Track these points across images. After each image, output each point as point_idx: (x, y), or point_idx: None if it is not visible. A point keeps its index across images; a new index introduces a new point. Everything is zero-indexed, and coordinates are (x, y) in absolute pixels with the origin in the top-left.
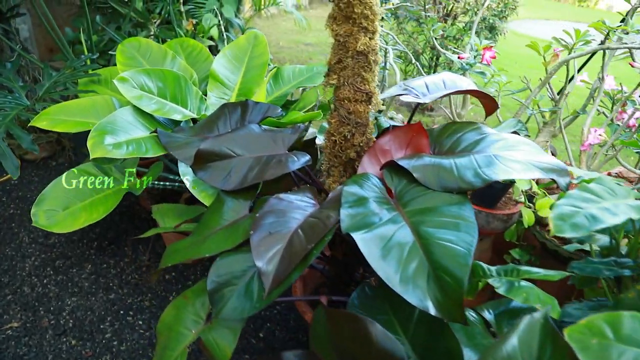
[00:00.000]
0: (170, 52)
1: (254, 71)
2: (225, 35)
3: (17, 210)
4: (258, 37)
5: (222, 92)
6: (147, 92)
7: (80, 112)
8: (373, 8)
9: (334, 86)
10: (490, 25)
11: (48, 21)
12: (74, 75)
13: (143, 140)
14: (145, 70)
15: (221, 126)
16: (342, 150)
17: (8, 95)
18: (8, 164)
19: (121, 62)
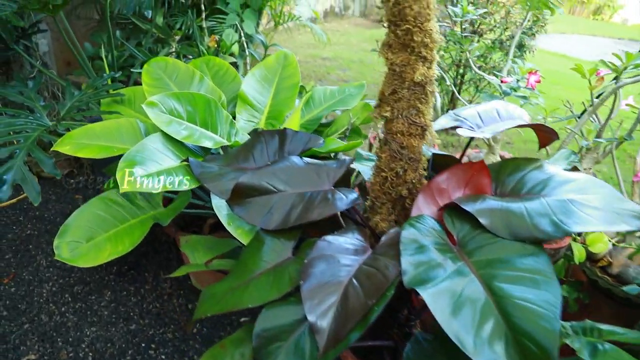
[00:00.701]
0: (197, 72)
1: (284, 93)
2: (248, 51)
3: (34, 231)
4: (288, 57)
5: (251, 114)
6: (176, 117)
7: (104, 136)
8: (433, 36)
9: (385, 118)
10: (519, 42)
11: (68, 36)
12: (96, 95)
13: (174, 170)
14: (174, 94)
15: (257, 156)
16: (392, 187)
17: (29, 115)
18: (29, 189)
19: (147, 83)
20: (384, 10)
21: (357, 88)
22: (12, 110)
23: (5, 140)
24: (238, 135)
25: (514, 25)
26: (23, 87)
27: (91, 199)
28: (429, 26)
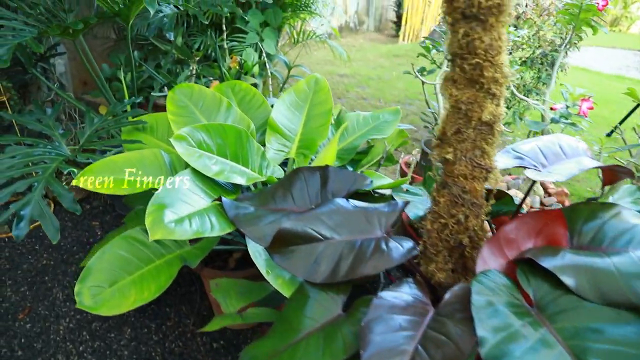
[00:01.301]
0: (224, 100)
1: (316, 121)
2: (270, 72)
3: (50, 261)
4: (319, 82)
5: (281, 143)
6: (205, 150)
7: (127, 168)
8: (504, 70)
9: (446, 160)
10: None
11: (87, 57)
12: (117, 123)
13: (206, 212)
14: (204, 126)
15: (297, 196)
16: (452, 235)
17: (48, 144)
18: (47, 226)
19: (172, 112)
20: (448, 42)
21: (391, 114)
22: (30, 139)
23: (22, 172)
24: (269, 167)
25: (546, 42)
26: (41, 114)
27: (114, 239)
28: (500, 60)
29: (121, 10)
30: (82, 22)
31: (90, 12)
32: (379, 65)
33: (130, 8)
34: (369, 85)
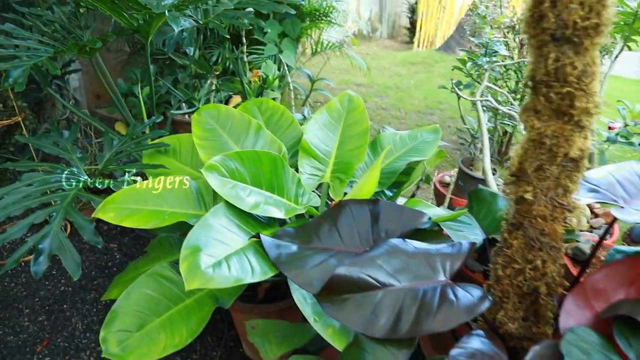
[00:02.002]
0: (254, 122)
1: (352, 142)
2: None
3: (68, 287)
4: (353, 100)
5: (314, 167)
6: (239, 180)
7: (151, 198)
8: (596, 99)
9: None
10: None
11: (102, 73)
12: (138, 146)
13: (244, 251)
14: (237, 154)
15: (345, 233)
16: (525, 281)
17: (65, 169)
18: (68, 261)
19: (198, 136)
20: (530, 68)
21: (431, 133)
22: (47, 165)
23: (40, 202)
24: (305, 195)
25: None
26: (58, 137)
27: (140, 277)
28: (593, 87)
29: (141, 26)
30: (100, 40)
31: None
32: (396, 74)
33: (151, 24)
34: (387, 95)
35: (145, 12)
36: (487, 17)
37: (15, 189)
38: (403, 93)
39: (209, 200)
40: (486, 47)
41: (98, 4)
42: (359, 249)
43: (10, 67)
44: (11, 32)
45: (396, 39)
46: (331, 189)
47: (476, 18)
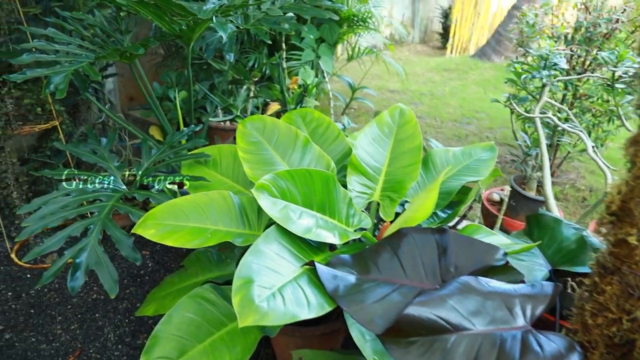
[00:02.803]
0: (301, 135)
1: (404, 159)
2: (331, 93)
3: (100, 295)
4: (404, 114)
5: (363, 184)
6: (290, 200)
7: (193, 214)
8: None
9: (622, 242)
10: None
11: (140, 77)
12: (178, 156)
13: (298, 281)
14: (288, 173)
15: (408, 265)
16: (618, 331)
17: (103, 179)
18: (105, 277)
19: (243, 149)
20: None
21: (485, 150)
22: (85, 174)
23: (77, 213)
24: (356, 216)
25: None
26: (96, 144)
27: (181, 300)
28: None
29: (183, 32)
30: (142, 46)
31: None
32: (429, 80)
33: (194, 30)
34: (422, 102)
35: (190, 18)
36: (536, 26)
37: (53, 198)
38: (438, 100)
39: (253, 218)
40: (546, 59)
41: (141, 8)
42: (424, 284)
43: (51, 73)
44: (53, 37)
45: (428, 44)
46: (381, 209)
47: (524, 27)
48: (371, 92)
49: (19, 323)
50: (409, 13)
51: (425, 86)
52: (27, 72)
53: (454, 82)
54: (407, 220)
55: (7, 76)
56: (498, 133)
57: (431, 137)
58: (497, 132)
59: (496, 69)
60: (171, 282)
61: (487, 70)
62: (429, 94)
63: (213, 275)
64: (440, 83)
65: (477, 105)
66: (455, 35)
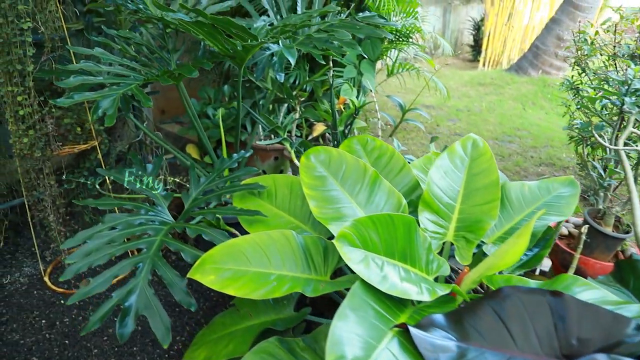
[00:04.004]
0: (370, 169)
1: (479, 195)
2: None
3: (138, 326)
4: (477, 145)
5: (435, 223)
6: (371, 250)
7: (255, 257)
8: None
9: None
10: None
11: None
12: (232, 187)
13: (391, 349)
14: (369, 219)
15: (517, 332)
16: None
17: (150, 210)
18: (156, 323)
19: (308, 185)
20: None
21: (565, 185)
22: (131, 204)
23: (124, 249)
24: (434, 262)
25: None
26: (141, 171)
27: (245, 357)
28: None
29: (237, 53)
30: (196, 69)
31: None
32: (465, 95)
33: (249, 50)
34: (459, 118)
35: (249, 39)
36: (595, 44)
37: (98, 232)
38: (475, 117)
39: (319, 261)
40: (629, 85)
41: (194, 28)
42: (540, 357)
43: (99, 97)
44: (100, 58)
45: (458, 57)
46: (457, 251)
47: (583, 45)
48: (423, 113)
49: (54, 355)
50: (439, 25)
51: (461, 101)
52: (75, 96)
53: (490, 97)
54: (491, 267)
55: (55, 101)
56: (543, 153)
57: None
58: (542, 152)
59: (533, 84)
60: (222, 323)
61: (523, 84)
62: (465, 109)
63: (269, 319)
64: (476, 98)
65: (517, 122)
66: (487, 48)
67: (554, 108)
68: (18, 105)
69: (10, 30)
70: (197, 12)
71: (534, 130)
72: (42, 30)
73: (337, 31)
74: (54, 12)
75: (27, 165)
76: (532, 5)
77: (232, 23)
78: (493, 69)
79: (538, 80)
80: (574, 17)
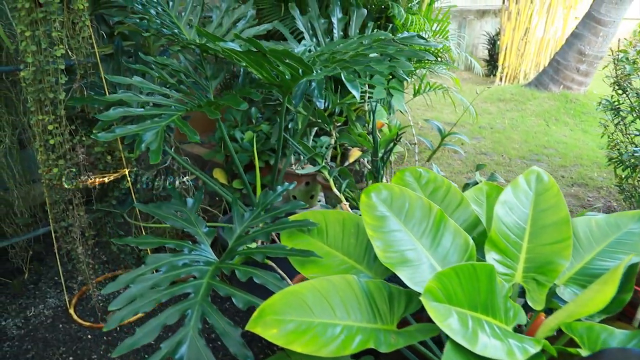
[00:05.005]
0: (435, 208)
1: (549, 234)
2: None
3: None
4: (542, 179)
5: (502, 263)
6: (456, 304)
7: (318, 306)
8: None
9: None
10: None
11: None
12: (279, 224)
13: None
14: (453, 271)
15: None
16: None
17: (193, 249)
18: None
19: (371, 226)
20: None
21: (635, 220)
22: (172, 242)
23: (171, 294)
24: (511, 310)
25: None
26: (181, 205)
27: None
28: None
29: (284, 82)
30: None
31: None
32: (485, 111)
33: (298, 79)
34: (483, 136)
35: (304, 70)
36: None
37: (141, 275)
38: (499, 134)
39: (384, 308)
40: None
41: (243, 57)
42: None
43: (141, 130)
44: (140, 87)
45: (473, 71)
46: (528, 294)
47: (626, 64)
48: (463, 137)
49: None
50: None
51: (482, 118)
52: (116, 130)
53: (511, 113)
54: (571, 314)
55: (96, 136)
56: (573, 172)
57: (498, 175)
58: (572, 171)
59: (555, 99)
60: None
61: (545, 100)
62: (488, 127)
63: None
64: (497, 115)
65: (543, 139)
66: (504, 63)
67: (578, 124)
68: (48, 134)
69: (43, 57)
70: (252, 42)
71: (561, 148)
72: (75, 57)
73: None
74: (87, 38)
75: (56, 196)
76: (546, 18)
77: (291, 54)
78: (510, 84)
79: (559, 95)
80: (596, 31)
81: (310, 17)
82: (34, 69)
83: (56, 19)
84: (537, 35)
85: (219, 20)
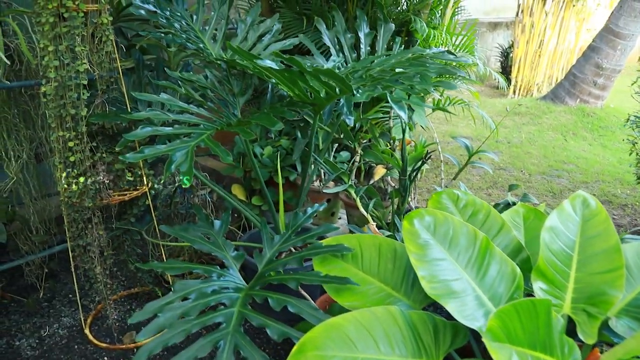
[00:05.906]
0: (480, 236)
1: (598, 262)
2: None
3: None
4: (589, 204)
5: (549, 294)
6: (516, 344)
7: (360, 340)
8: None
9: None
10: None
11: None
12: (312, 249)
13: None
14: (513, 308)
15: None
16: None
17: (222, 275)
18: None
19: (415, 255)
20: None
21: None
22: (200, 268)
23: (201, 324)
24: (565, 345)
25: None
26: (208, 228)
27: None
28: None
29: (318, 100)
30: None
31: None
32: (500, 125)
33: (333, 97)
34: (501, 151)
35: (342, 89)
36: None
37: (169, 304)
38: (517, 149)
39: (429, 341)
40: None
41: (276, 75)
42: None
43: (170, 150)
44: (169, 105)
45: (485, 84)
46: (578, 327)
47: None
48: (494, 156)
49: None
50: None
51: (498, 132)
52: (145, 151)
53: (527, 127)
54: (630, 351)
55: (125, 157)
56: (595, 188)
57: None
58: (594, 188)
59: (572, 113)
60: None
61: (561, 114)
62: (505, 141)
63: None
64: (513, 129)
65: (562, 154)
66: (518, 76)
67: (597, 139)
68: (69, 150)
69: (65, 73)
70: (293, 62)
71: (581, 163)
72: (97, 71)
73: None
74: (110, 53)
75: (75, 214)
76: (559, 31)
77: (334, 74)
78: (524, 97)
79: (576, 109)
80: (614, 44)
81: (337, 32)
82: (56, 84)
83: (80, 33)
84: (550, 48)
85: (244, 35)
